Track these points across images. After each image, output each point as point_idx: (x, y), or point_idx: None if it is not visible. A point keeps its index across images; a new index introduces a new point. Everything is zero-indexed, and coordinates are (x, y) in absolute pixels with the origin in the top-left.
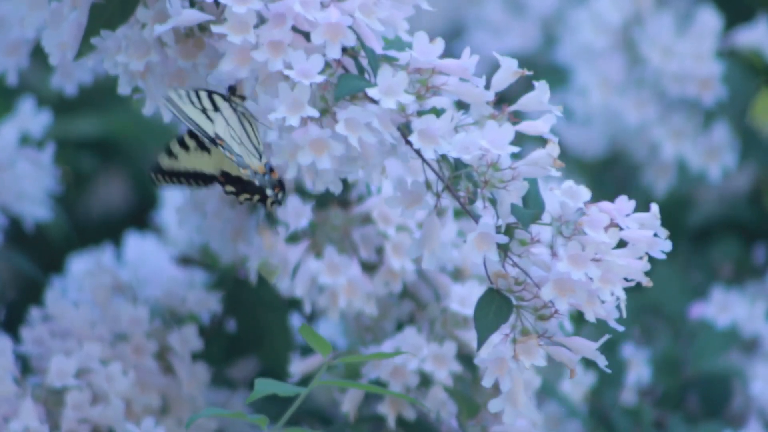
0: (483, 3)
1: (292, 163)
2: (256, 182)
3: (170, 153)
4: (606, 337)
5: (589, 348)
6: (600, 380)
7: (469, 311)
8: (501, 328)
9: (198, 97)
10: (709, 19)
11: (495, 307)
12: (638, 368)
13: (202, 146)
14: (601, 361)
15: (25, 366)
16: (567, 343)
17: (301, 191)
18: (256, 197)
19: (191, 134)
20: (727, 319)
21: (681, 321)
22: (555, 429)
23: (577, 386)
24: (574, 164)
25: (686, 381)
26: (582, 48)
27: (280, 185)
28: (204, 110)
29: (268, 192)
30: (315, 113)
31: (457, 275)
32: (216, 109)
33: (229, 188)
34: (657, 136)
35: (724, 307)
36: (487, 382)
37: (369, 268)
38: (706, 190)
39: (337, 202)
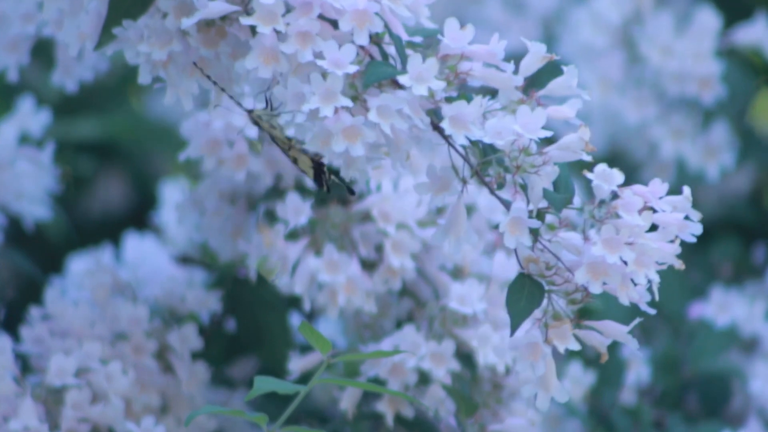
0: (483, 2)
1: (325, 151)
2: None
3: None
4: (638, 320)
5: (621, 331)
6: (599, 380)
7: (468, 310)
8: (533, 313)
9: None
10: (709, 19)
11: (527, 292)
12: (637, 368)
13: None
14: (633, 344)
15: (25, 365)
16: (598, 327)
17: (301, 188)
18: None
19: None
20: (726, 319)
21: (680, 321)
22: (554, 428)
23: (576, 385)
24: (573, 163)
25: (685, 380)
26: (582, 47)
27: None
28: None
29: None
30: (349, 103)
31: (457, 273)
32: None
33: None
34: (656, 136)
35: (724, 307)
36: (522, 367)
37: (368, 265)
38: (706, 190)
39: (336, 200)
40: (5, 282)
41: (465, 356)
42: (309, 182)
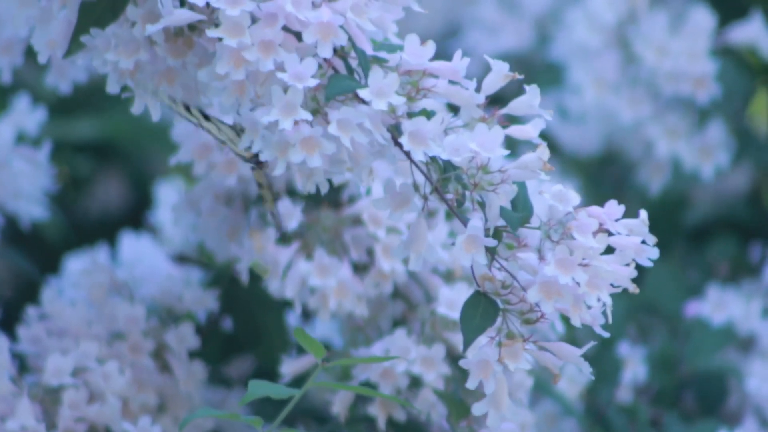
0: (478, 2)
1: (281, 161)
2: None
3: None
4: (591, 344)
5: (574, 354)
6: (595, 378)
7: (456, 315)
8: (487, 331)
9: (188, 109)
10: (703, 18)
11: (481, 309)
12: (634, 366)
13: None
14: (586, 369)
15: (22, 365)
16: (552, 348)
17: (292, 192)
18: None
19: None
20: (722, 318)
21: (677, 319)
22: (550, 427)
23: (572, 384)
24: (569, 163)
25: (682, 379)
26: (577, 47)
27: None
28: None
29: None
30: (308, 116)
31: (449, 276)
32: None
33: None
34: (651, 135)
35: (720, 306)
36: (471, 384)
37: (360, 269)
38: (703, 189)
39: (327, 204)
40: (2, 282)
41: (456, 359)
42: (300, 186)
